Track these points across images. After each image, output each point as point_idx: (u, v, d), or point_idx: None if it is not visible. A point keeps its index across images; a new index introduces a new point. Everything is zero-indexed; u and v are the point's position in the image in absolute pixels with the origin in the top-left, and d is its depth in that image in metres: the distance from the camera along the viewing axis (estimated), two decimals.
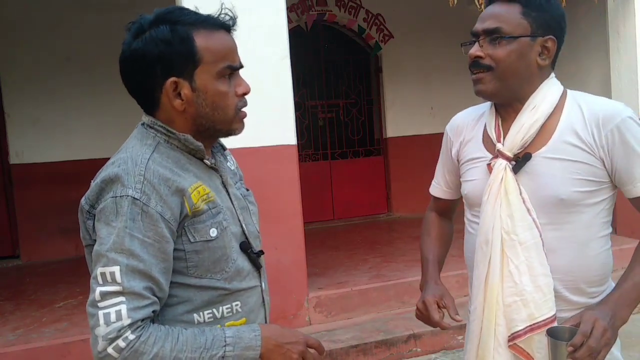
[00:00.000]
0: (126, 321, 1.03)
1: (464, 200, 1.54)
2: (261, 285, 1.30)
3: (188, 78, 1.15)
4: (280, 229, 3.68)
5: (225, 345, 1.10)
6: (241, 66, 1.22)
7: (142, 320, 1.05)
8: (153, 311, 1.08)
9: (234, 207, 1.26)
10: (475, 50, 1.35)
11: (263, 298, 1.31)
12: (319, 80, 6.96)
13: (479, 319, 1.40)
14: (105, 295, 1.04)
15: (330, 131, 7.09)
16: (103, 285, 1.04)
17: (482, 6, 3.97)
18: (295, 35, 5.54)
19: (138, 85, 1.18)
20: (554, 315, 1.32)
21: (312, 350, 1.22)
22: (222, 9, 1.20)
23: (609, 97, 5.18)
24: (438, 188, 1.67)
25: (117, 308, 1.03)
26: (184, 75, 1.14)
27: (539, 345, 1.32)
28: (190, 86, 1.15)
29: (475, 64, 1.36)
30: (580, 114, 1.33)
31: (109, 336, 1.02)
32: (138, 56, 1.13)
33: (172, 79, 1.14)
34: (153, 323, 1.08)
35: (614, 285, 1.41)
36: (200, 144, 1.19)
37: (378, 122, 7.32)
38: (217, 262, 1.17)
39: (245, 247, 1.24)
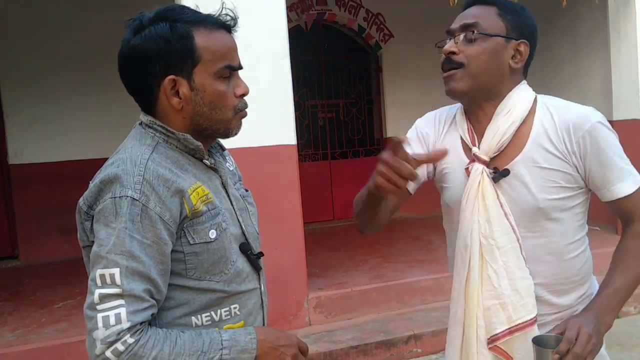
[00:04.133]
0: (125, 324, 1.02)
1: (443, 207, 1.52)
2: (260, 288, 1.29)
3: (187, 76, 1.14)
4: (280, 229, 3.67)
5: (222, 349, 1.10)
6: (240, 67, 1.21)
7: (141, 323, 1.04)
8: (151, 314, 1.07)
9: (233, 208, 1.25)
10: (450, 46, 1.35)
11: (262, 300, 1.30)
12: (319, 80, 6.95)
13: (460, 322, 1.41)
14: (104, 298, 1.02)
15: (330, 131, 7.08)
16: (102, 287, 1.03)
17: None
18: (295, 35, 5.53)
19: (136, 82, 1.16)
20: (532, 318, 1.33)
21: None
22: (222, 9, 1.20)
23: (610, 96, 5.17)
24: None
25: (116, 311, 1.02)
26: (182, 73, 1.13)
27: (518, 347, 1.33)
28: (188, 85, 1.14)
29: (448, 61, 1.35)
30: (552, 120, 1.34)
31: (108, 339, 1.01)
32: (137, 53, 1.12)
33: (171, 76, 1.13)
34: (151, 326, 1.08)
35: (596, 281, 1.44)
36: (199, 143, 1.18)
37: (378, 121, 7.31)
38: (216, 263, 1.16)
39: (244, 248, 1.23)
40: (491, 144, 1.35)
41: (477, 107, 1.39)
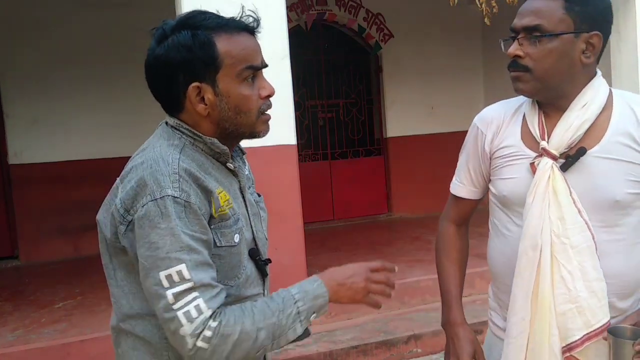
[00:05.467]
0: (207, 312, 1.05)
1: (495, 201, 1.44)
2: (264, 293, 1.29)
3: (211, 82, 1.14)
4: (280, 230, 3.67)
5: (296, 302, 1.14)
6: (264, 65, 1.21)
7: (219, 307, 1.07)
8: (225, 297, 1.10)
9: (247, 213, 1.26)
10: (514, 49, 1.28)
11: None
12: (319, 80, 6.95)
13: (526, 331, 1.30)
14: (178, 295, 1.04)
15: (330, 131, 7.07)
16: (172, 287, 1.04)
17: (483, 5, 3.95)
18: (295, 35, 5.52)
19: (162, 90, 1.18)
20: (608, 321, 1.26)
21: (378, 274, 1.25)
22: (243, 12, 1.21)
23: None
24: (462, 187, 1.52)
25: (195, 303, 1.04)
26: (206, 80, 1.14)
27: (596, 354, 1.26)
28: (213, 90, 1.15)
29: (514, 64, 1.29)
30: (633, 115, 1.28)
31: (196, 332, 1.04)
32: (161, 62, 1.13)
33: (195, 84, 1.13)
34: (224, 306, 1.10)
35: None
36: (225, 147, 1.19)
37: (378, 121, 7.30)
38: (233, 268, 1.17)
39: (254, 254, 1.24)
40: (563, 139, 1.28)
41: (550, 102, 1.32)
